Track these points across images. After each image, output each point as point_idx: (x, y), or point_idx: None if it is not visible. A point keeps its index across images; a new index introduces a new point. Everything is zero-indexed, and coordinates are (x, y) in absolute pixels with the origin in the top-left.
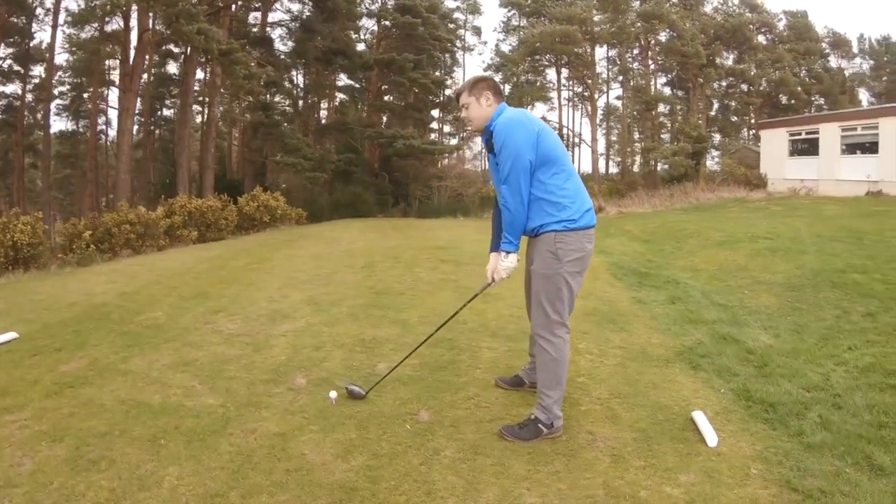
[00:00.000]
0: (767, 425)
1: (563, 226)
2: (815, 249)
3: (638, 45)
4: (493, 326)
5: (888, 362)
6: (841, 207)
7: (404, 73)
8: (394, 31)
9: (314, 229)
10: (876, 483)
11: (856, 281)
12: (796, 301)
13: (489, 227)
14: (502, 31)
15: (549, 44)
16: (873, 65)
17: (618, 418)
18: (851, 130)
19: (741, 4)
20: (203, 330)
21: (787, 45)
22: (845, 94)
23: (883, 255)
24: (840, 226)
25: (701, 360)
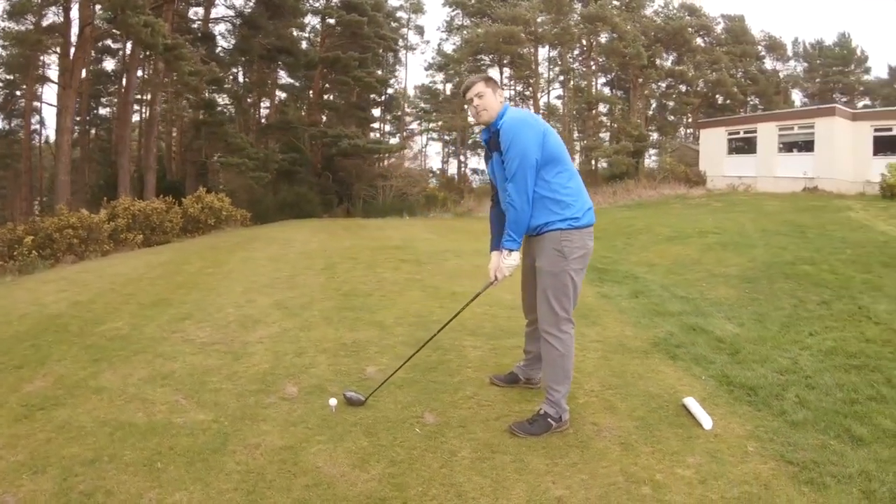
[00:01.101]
0: (752, 407)
1: (567, 224)
2: (763, 243)
3: (579, 46)
4: (471, 325)
5: (848, 346)
6: (780, 203)
7: (349, 72)
8: (338, 28)
9: (263, 231)
10: (859, 452)
11: (806, 272)
12: (753, 292)
13: (438, 227)
14: (445, 31)
15: (493, 44)
16: (807, 67)
17: (616, 409)
18: (788, 130)
19: (681, 8)
20: (172, 339)
21: (724, 47)
22: (780, 95)
23: (827, 248)
24: (782, 220)
25: (677, 350)
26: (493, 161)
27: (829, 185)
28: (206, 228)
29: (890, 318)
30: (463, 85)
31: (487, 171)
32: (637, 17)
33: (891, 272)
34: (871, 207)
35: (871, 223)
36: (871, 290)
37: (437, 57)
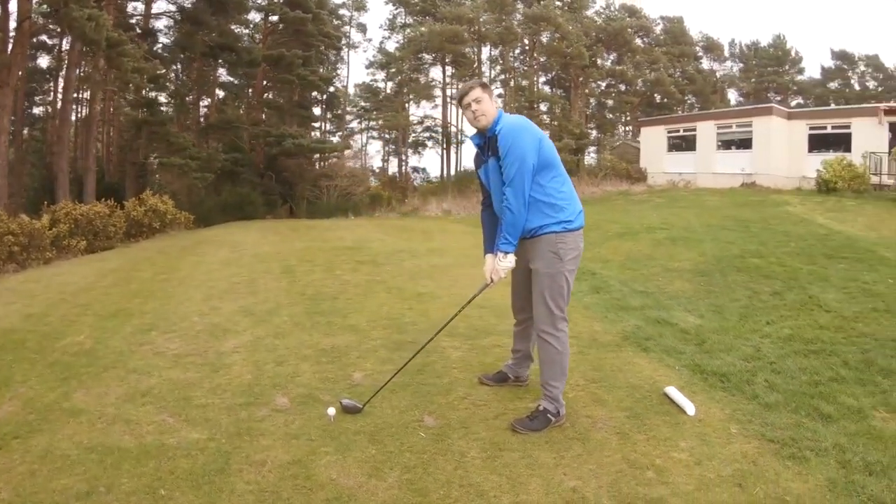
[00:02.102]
0: (726, 392)
1: (562, 227)
2: (710, 238)
3: (521, 45)
4: (446, 326)
5: (804, 333)
6: (720, 198)
7: (293, 70)
8: (281, 26)
9: (209, 234)
10: (829, 427)
11: (756, 265)
12: (708, 285)
13: (387, 227)
14: (387, 29)
15: (437, 43)
16: (742, 67)
17: (604, 401)
18: (727, 128)
19: (622, 9)
20: (142, 352)
21: (663, 48)
22: (716, 94)
23: (772, 241)
24: (725, 215)
25: (647, 342)
26: (487, 166)
27: (766, 180)
28: (151, 232)
29: (839, 307)
30: (459, 91)
31: (479, 175)
32: (579, 18)
33: (834, 263)
34: (808, 202)
35: (810, 217)
36: (819, 280)
37: (378, 55)
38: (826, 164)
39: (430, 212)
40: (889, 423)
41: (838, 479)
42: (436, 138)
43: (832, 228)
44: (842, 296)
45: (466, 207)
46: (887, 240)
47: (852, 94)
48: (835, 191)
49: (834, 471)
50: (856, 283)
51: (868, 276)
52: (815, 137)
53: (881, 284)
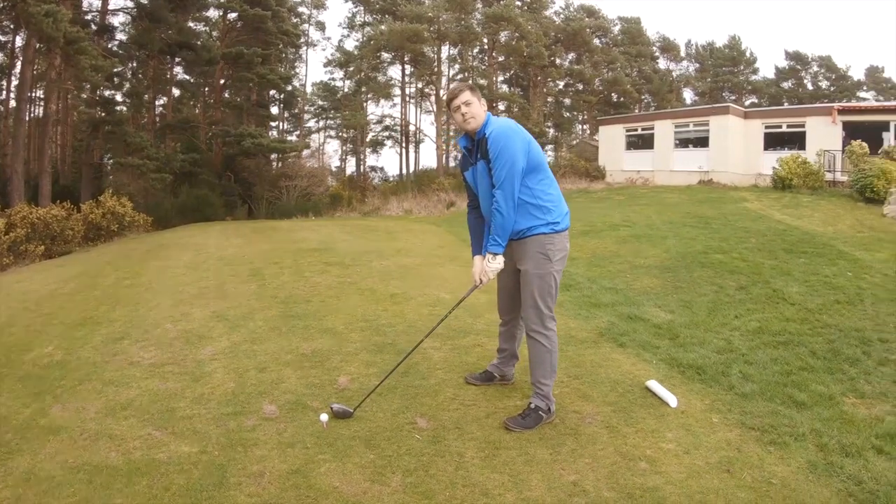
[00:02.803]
0: (704, 384)
1: (550, 228)
2: (673, 235)
3: (479, 44)
4: (422, 326)
5: (771, 325)
6: (679, 195)
7: (252, 69)
8: (239, 23)
9: (170, 237)
10: (804, 414)
11: (720, 261)
12: (675, 281)
13: (350, 227)
14: (346, 28)
15: (398, 41)
16: (698, 67)
17: (589, 396)
18: (684, 127)
19: (580, 10)
20: (116, 363)
21: (621, 48)
22: (672, 93)
23: (733, 237)
24: (685, 212)
25: (622, 338)
26: (475, 168)
27: (722, 177)
28: (109, 235)
29: (802, 299)
30: (448, 93)
31: (466, 177)
32: (538, 18)
33: (794, 258)
34: (764, 198)
35: (767, 213)
36: (781, 274)
37: (336, 54)
38: (782, 161)
39: (391, 211)
40: (859, 408)
41: (818, 462)
42: (395, 137)
43: (790, 224)
44: (804, 289)
45: (427, 207)
46: (844, 235)
47: (805, 94)
48: (790, 187)
49: (813, 454)
50: (817, 277)
51: (828, 269)
52: (771, 136)
53: (841, 278)
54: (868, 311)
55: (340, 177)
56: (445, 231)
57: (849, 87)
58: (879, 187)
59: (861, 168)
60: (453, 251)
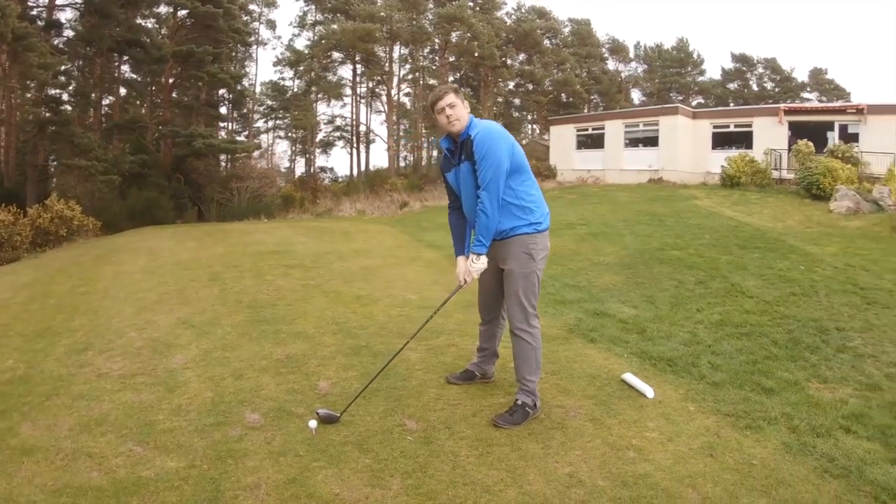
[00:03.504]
0: (675, 375)
1: (533, 228)
2: (629, 232)
3: (430, 44)
4: (393, 328)
5: (732, 318)
6: (630, 194)
7: (202, 67)
8: (189, 21)
9: (121, 241)
10: (773, 399)
11: (678, 257)
12: (635, 277)
13: (305, 229)
14: (297, 26)
15: (350, 41)
16: (646, 68)
17: (569, 391)
18: (634, 127)
19: (531, 11)
20: (84, 376)
21: (571, 49)
22: (621, 94)
23: (688, 234)
24: (638, 210)
25: (592, 333)
26: (458, 169)
27: (672, 176)
28: (58, 241)
29: (760, 292)
30: (432, 96)
31: (447, 178)
32: (490, 19)
33: (748, 253)
34: (714, 195)
35: (718, 210)
36: (737, 269)
37: (286, 53)
38: (730, 160)
39: (344, 212)
40: (823, 392)
41: (792, 443)
42: (346, 138)
43: (741, 220)
44: (761, 282)
45: (380, 207)
46: (793, 230)
47: (751, 95)
48: (739, 185)
49: (786, 436)
50: (772, 271)
51: (781, 263)
52: (719, 135)
53: (794, 271)
54: (823, 301)
55: (290, 178)
56: (400, 232)
57: (793, 88)
58: (826, 185)
59: (808, 166)
60: (411, 252)
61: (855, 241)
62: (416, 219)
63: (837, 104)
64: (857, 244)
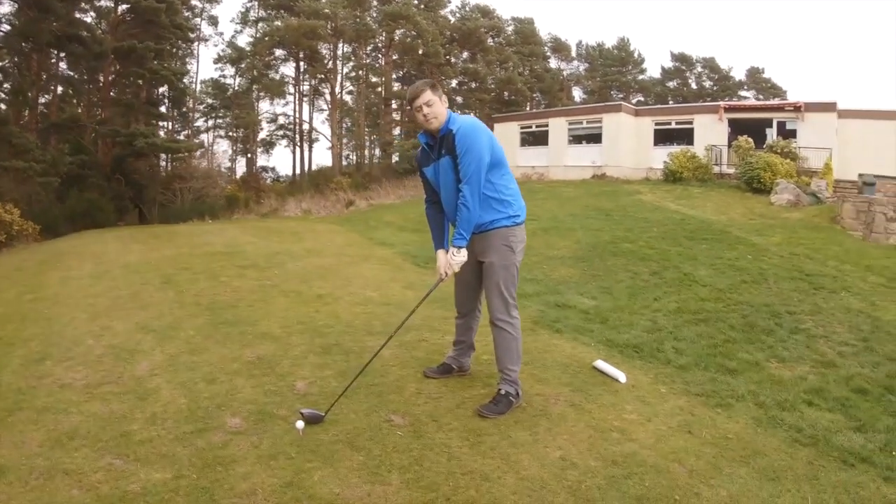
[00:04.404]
0: (643, 360)
1: (511, 221)
2: (579, 227)
3: (373, 42)
4: (360, 325)
5: (689, 305)
6: (575, 190)
7: (144, 64)
8: (130, 16)
9: (63, 245)
10: (738, 379)
11: (630, 249)
12: (591, 270)
13: (252, 229)
14: (239, 23)
15: (294, 38)
16: (588, 67)
17: (545, 380)
18: (578, 124)
19: (475, 10)
20: (45, 387)
21: (514, 47)
22: (563, 92)
23: (636, 227)
24: (585, 205)
25: (556, 324)
26: (438, 164)
27: (615, 171)
28: None
29: (712, 281)
30: (409, 93)
31: (426, 173)
32: (435, 17)
33: (697, 244)
34: (657, 190)
35: (662, 204)
36: (688, 259)
37: (228, 50)
38: (672, 156)
39: (289, 212)
40: (782, 370)
41: (761, 417)
42: (289, 136)
43: (686, 214)
44: (712, 272)
45: (326, 206)
46: (737, 222)
47: (690, 93)
48: (681, 180)
49: (755, 411)
50: (721, 260)
51: (729, 253)
52: (661, 132)
53: (742, 260)
54: (773, 288)
55: (231, 178)
56: (349, 230)
57: (731, 86)
58: (766, 179)
59: (748, 161)
60: (364, 250)
61: (797, 231)
62: (363, 217)
63: (776, 102)
64: (799, 234)
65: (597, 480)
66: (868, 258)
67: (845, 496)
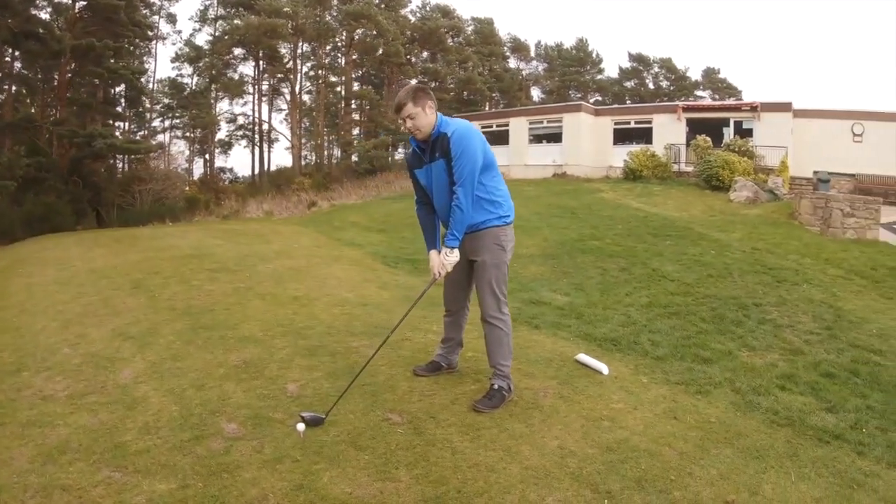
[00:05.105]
0: (622, 353)
1: (502, 221)
2: (545, 225)
3: (332, 42)
4: (341, 327)
5: (659, 299)
6: (537, 188)
7: (102, 63)
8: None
9: (23, 251)
10: (713, 367)
11: (597, 247)
12: (561, 267)
13: (217, 231)
14: (198, 21)
15: (255, 37)
16: (547, 67)
17: (532, 374)
18: (538, 124)
19: (436, 10)
20: (26, 400)
21: (474, 47)
22: (522, 91)
23: (602, 225)
24: (549, 204)
25: (534, 321)
26: (431, 166)
27: (576, 170)
28: None
29: (680, 276)
30: (395, 101)
31: (417, 175)
32: (396, 17)
33: (661, 241)
34: (618, 188)
35: (624, 202)
36: (655, 256)
37: (185, 49)
38: (632, 155)
39: (251, 213)
40: (754, 358)
41: (739, 402)
42: (248, 136)
43: (648, 211)
44: (678, 267)
45: (288, 208)
46: (698, 219)
47: (647, 93)
48: (641, 178)
49: (732, 397)
50: (686, 256)
51: (693, 249)
52: (620, 131)
53: (707, 255)
54: (737, 281)
55: (189, 179)
56: (315, 232)
57: (687, 86)
58: (724, 176)
59: (707, 160)
60: (332, 251)
61: (757, 227)
62: (327, 218)
63: (733, 102)
64: (759, 230)
65: (596, 466)
66: (826, 252)
67: (824, 469)
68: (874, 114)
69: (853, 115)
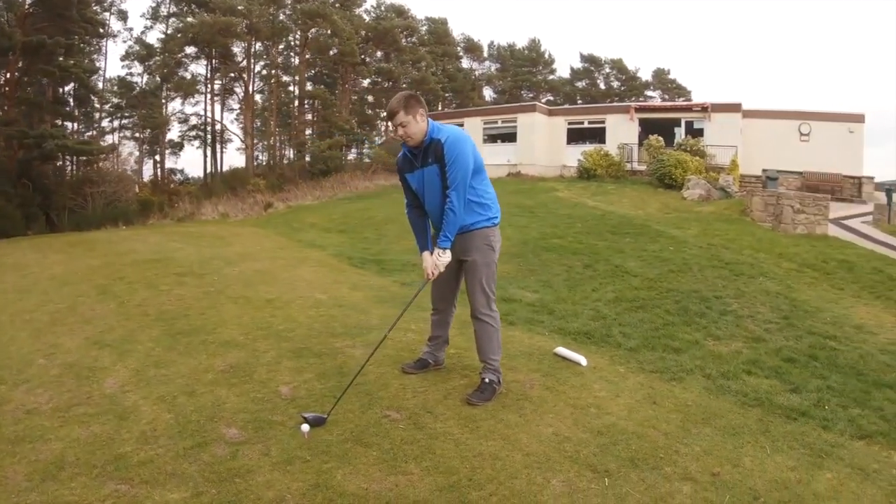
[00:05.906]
0: (596, 346)
1: (491, 222)
2: (506, 224)
3: (286, 41)
4: (321, 328)
5: (625, 294)
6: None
7: (52, 60)
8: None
9: None
10: (683, 356)
11: (560, 245)
12: (527, 265)
13: (175, 234)
14: (150, 18)
15: (209, 35)
16: (499, 67)
17: (516, 368)
18: (493, 123)
19: (390, 9)
20: (10, 415)
21: (428, 47)
22: (475, 91)
23: (561, 224)
24: (506, 203)
25: (509, 317)
26: (424, 171)
27: (530, 169)
28: None
29: (642, 271)
30: (387, 108)
31: (409, 179)
32: (351, 16)
33: (621, 238)
34: (573, 187)
35: (580, 201)
36: (616, 252)
37: (136, 46)
38: (586, 154)
39: (206, 216)
40: (720, 346)
41: (711, 387)
42: (200, 137)
43: (605, 209)
44: (640, 263)
45: (244, 209)
46: (654, 217)
47: (598, 93)
48: (595, 177)
49: (704, 382)
50: (647, 252)
51: (652, 246)
52: (574, 131)
53: (666, 251)
54: (697, 276)
55: (139, 181)
56: (274, 233)
57: (638, 87)
58: (677, 175)
59: (660, 159)
60: (296, 253)
61: (712, 224)
62: (284, 220)
63: (684, 103)
64: (714, 226)
65: (591, 448)
66: (779, 246)
67: (795, 442)
68: (820, 114)
69: (800, 115)
